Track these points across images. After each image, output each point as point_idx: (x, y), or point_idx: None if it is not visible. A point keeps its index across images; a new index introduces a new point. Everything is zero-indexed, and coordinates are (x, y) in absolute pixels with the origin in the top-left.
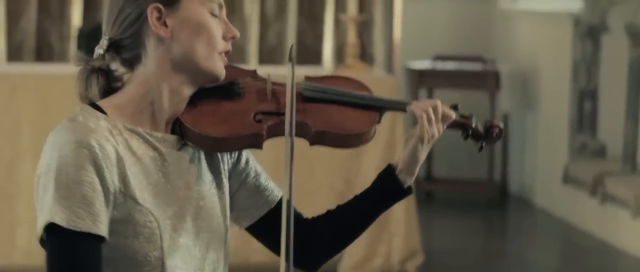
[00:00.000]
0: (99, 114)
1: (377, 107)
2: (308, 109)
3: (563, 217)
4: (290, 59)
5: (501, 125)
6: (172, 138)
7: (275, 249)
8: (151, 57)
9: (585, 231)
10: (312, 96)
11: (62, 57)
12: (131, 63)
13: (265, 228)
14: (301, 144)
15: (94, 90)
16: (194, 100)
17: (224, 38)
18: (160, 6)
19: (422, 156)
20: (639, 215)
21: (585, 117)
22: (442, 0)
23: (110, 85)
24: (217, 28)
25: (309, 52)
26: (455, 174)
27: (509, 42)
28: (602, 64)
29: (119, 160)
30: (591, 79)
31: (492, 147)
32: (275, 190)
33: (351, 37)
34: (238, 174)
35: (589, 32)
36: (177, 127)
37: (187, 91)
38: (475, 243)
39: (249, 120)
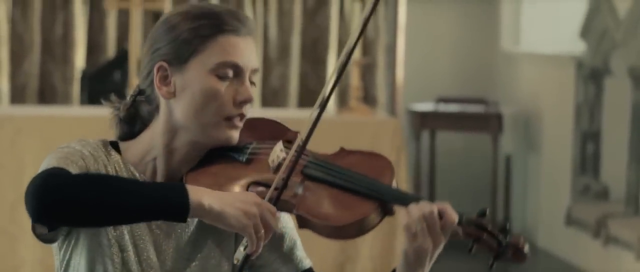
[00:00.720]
0: (110, 148)
1: (377, 198)
2: (304, 188)
3: (566, 259)
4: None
5: (527, 248)
6: None
7: None
8: (161, 114)
9: None
10: (313, 174)
11: (65, 99)
12: (154, 113)
13: None
14: None
15: (115, 132)
16: (206, 158)
17: (235, 102)
18: (165, 64)
19: (420, 267)
20: None
21: (588, 160)
22: (444, 43)
23: (132, 131)
24: (225, 93)
25: (312, 95)
26: None
27: (511, 84)
28: (604, 106)
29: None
30: (594, 121)
31: (495, 188)
32: (304, 260)
33: (354, 79)
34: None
35: (592, 74)
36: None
37: (193, 152)
38: None
39: (240, 190)
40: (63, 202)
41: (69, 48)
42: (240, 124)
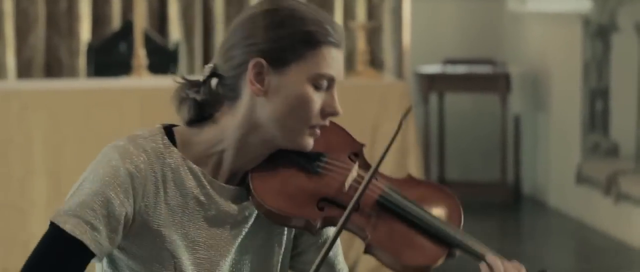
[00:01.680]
0: (166, 141)
1: (449, 243)
2: (376, 216)
3: (577, 218)
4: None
5: None
6: (231, 190)
7: None
8: (242, 106)
9: (600, 230)
10: (389, 205)
11: (71, 73)
12: (224, 101)
13: None
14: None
15: (183, 115)
16: (273, 158)
17: (322, 113)
18: (264, 62)
19: None
20: None
21: (597, 117)
22: (450, 4)
23: (201, 115)
24: (316, 103)
25: None
26: (468, 177)
27: (518, 44)
28: (612, 63)
29: (157, 191)
30: (602, 78)
31: (504, 149)
32: (343, 269)
33: (361, 43)
34: (314, 244)
35: (599, 31)
36: (247, 179)
37: (265, 151)
38: (490, 245)
39: (311, 203)
40: None
41: (74, 21)
42: (318, 134)
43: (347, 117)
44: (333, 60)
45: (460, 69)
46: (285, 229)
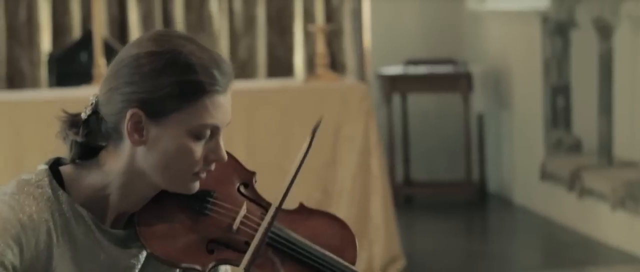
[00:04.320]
0: (54, 184)
1: None
2: (264, 256)
3: (542, 214)
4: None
5: None
6: (117, 234)
7: None
8: (125, 151)
9: (565, 225)
10: (279, 247)
11: (33, 83)
12: (109, 139)
13: None
14: (273, 155)
15: (72, 156)
16: (160, 198)
17: (206, 160)
18: (142, 114)
19: None
20: (618, 207)
21: (559, 113)
22: (410, 5)
23: (86, 152)
24: (198, 153)
25: (280, 64)
26: (434, 176)
27: (479, 43)
28: (572, 59)
29: (50, 239)
30: (562, 75)
31: (469, 148)
32: None
33: (320, 46)
34: None
35: (558, 28)
36: (134, 221)
37: (151, 192)
38: (457, 244)
39: (200, 246)
40: None
41: (35, 31)
42: (204, 176)
43: (309, 120)
44: (216, 108)
45: (422, 70)
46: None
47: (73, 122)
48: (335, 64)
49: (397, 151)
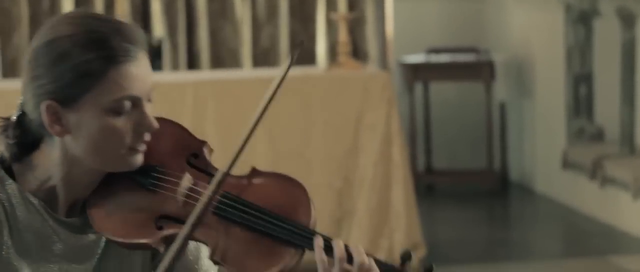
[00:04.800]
0: (2, 174)
1: (296, 245)
2: (216, 228)
3: (564, 202)
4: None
5: None
6: (73, 222)
7: None
8: (56, 144)
9: (587, 214)
10: (228, 215)
11: None
12: (43, 136)
13: None
14: (295, 143)
15: (8, 157)
16: (108, 180)
17: (136, 133)
18: (56, 105)
19: None
20: (639, 196)
21: (581, 102)
22: None
23: (25, 151)
24: (124, 128)
25: (302, 53)
26: (455, 165)
27: (501, 31)
28: (595, 48)
29: (0, 230)
30: (585, 63)
31: (490, 136)
32: (209, 269)
33: (342, 35)
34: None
35: (581, 17)
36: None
37: (96, 177)
38: (478, 233)
39: (149, 224)
40: None
41: None
42: (144, 148)
43: (331, 108)
44: (128, 79)
45: (444, 58)
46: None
47: (5, 126)
48: (358, 52)
49: (419, 140)
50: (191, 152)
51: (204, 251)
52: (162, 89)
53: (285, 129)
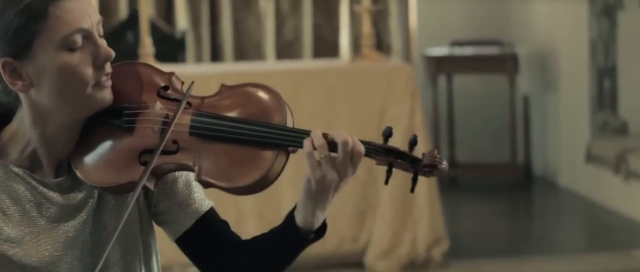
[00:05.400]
0: None
1: (275, 145)
2: (196, 148)
3: (588, 196)
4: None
5: (443, 164)
6: (61, 182)
7: (201, 266)
8: (25, 105)
9: (611, 208)
10: (203, 133)
11: None
12: (16, 105)
13: (190, 243)
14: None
15: None
16: (85, 131)
17: (96, 65)
18: (11, 60)
19: (324, 197)
20: None
21: (605, 95)
22: None
23: (5, 119)
24: (82, 63)
25: (326, 45)
26: (479, 158)
27: (525, 24)
28: (619, 41)
29: None
30: (609, 56)
31: (514, 130)
32: (203, 202)
33: (366, 27)
34: (162, 191)
35: (605, 10)
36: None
37: (73, 131)
38: (501, 226)
39: (133, 162)
40: None
41: None
42: (109, 82)
43: (354, 100)
44: (71, 13)
45: (468, 51)
46: (130, 193)
47: None
48: (381, 45)
49: (442, 132)
50: (161, 86)
51: (195, 184)
52: (185, 80)
53: (308, 121)
